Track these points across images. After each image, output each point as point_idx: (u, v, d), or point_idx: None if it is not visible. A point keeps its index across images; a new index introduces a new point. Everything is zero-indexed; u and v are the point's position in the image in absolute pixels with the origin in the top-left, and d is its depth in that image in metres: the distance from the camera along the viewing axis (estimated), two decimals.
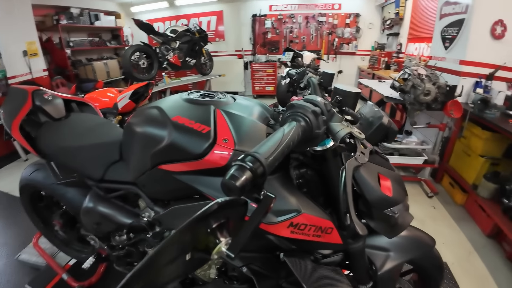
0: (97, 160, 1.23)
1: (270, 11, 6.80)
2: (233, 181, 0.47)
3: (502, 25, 2.52)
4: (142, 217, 1.16)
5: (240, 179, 0.47)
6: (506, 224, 2.07)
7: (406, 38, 5.55)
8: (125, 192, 1.22)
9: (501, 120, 2.32)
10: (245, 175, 0.48)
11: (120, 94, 2.98)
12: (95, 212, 1.28)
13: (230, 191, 0.48)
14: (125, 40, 6.81)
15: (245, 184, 0.47)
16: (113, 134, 1.34)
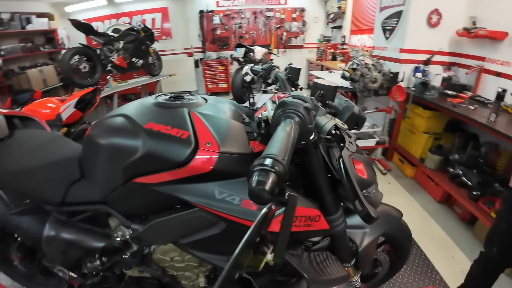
0: (54, 181, 1.07)
1: (217, 6, 6.70)
2: (261, 186, 0.45)
3: (437, 14, 2.83)
4: (115, 238, 1.06)
5: (267, 183, 0.45)
6: (454, 190, 2.38)
7: (349, 31, 5.94)
8: (92, 213, 1.10)
9: (440, 100, 2.63)
10: (271, 178, 0.46)
11: (63, 104, 2.67)
12: (59, 240, 1.12)
13: (260, 198, 0.46)
14: (61, 43, 6.09)
15: (274, 187, 0.46)
16: (69, 150, 1.20)
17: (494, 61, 2.52)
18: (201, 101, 1.04)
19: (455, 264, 1.92)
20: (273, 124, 0.68)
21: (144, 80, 5.14)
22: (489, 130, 1.96)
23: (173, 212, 0.92)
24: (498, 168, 2.35)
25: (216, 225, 0.90)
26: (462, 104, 2.42)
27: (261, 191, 0.45)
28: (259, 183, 0.45)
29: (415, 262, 1.91)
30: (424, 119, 2.83)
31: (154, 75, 5.24)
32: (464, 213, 2.36)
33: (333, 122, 0.74)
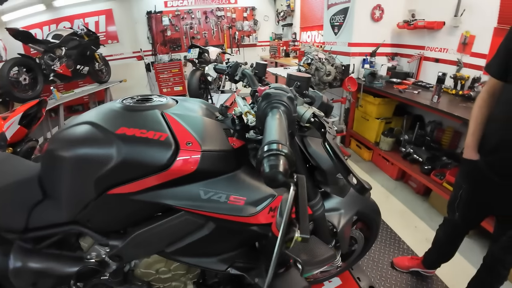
0: (13, 206, 0.94)
1: (165, 7, 6.44)
2: (275, 169, 0.46)
3: (380, 9, 3.08)
4: (89, 260, 0.98)
5: (280, 165, 0.46)
6: (408, 167, 2.63)
7: (299, 28, 6.19)
8: (61, 237, 0.99)
9: (387, 87, 2.88)
10: (281, 160, 0.47)
11: (6, 122, 2.35)
12: (27, 271, 0.99)
13: (276, 180, 0.46)
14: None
15: (287, 168, 0.47)
16: (24, 169, 1.06)
17: (433, 48, 2.85)
18: (171, 102, 1.00)
19: (418, 233, 2.13)
20: (259, 116, 0.69)
21: (91, 88, 4.75)
22: (433, 111, 2.21)
23: (156, 220, 0.87)
24: (444, 143, 2.66)
25: (204, 226, 0.88)
26: (407, 90, 2.69)
27: (276, 174, 0.46)
28: (273, 167, 0.46)
29: (383, 236, 2.08)
30: (375, 106, 3.07)
31: (102, 82, 4.88)
32: (419, 186, 2.63)
33: (311, 111, 0.77)
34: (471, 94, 2.28)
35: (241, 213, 0.83)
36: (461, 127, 2.53)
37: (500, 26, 2.14)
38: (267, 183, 0.47)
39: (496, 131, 1.13)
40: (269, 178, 0.46)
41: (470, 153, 1.25)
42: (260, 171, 0.48)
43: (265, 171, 0.46)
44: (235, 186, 0.85)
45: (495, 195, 1.19)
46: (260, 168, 0.48)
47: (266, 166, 0.47)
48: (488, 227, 1.69)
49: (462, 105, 2.19)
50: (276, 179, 0.46)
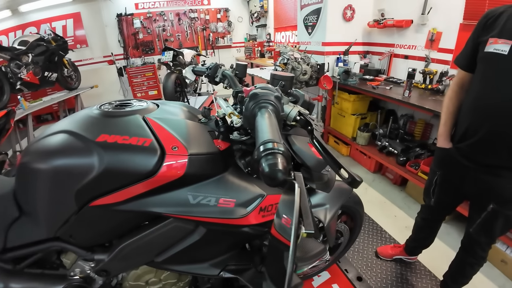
0: None
1: (136, 9, 6.24)
2: (275, 168, 0.46)
3: (351, 9, 3.19)
4: (73, 276, 0.93)
5: (279, 164, 0.46)
6: (384, 159, 2.74)
7: (273, 28, 6.26)
8: (43, 254, 0.93)
9: (361, 84, 2.99)
10: (279, 158, 0.47)
11: None
12: None
13: (276, 179, 0.46)
14: None
15: (286, 166, 0.47)
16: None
17: (402, 46, 3.00)
18: (152, 106, 0.97)
19: (398, 222, 2.23)
20: (248, 116, 0.69)
21: (61, 96, 4.51)
22: (405, 104, 2.32)
23: (143, 229, 0.84)
24: (416, 135, 2.81)
25: (195, 231, 0.87)
26: (379, 86, 2.80)
27: (276, 172, 0.46)
28: (271, 167, 0.46)
29: (366, 227, 2.16)
30: (350, 103, 3.17)
31: (72, 88, 4.67)
32: (395, 177, 2.75)
33: (296, 109, 0.78)
34: (440, 87, 2.42)
35: (231, 215, 0.82)
36: (432, 119, 2.68)
37: (466, 22, 2.29)
38: (267, 182, 0.47)
39: (465, 120, 1.21)
40: (269, 177, 0.46)
41: (443, 142, 1.33)
42: (259, 171, 0.47)
43: (265, 171, 0.46)
44: (224, 188, 0.84)
45: (467, 179, 1.26)
46: (259, 168, 0.47)
47: (265, 166, 0.47)
48: (463, 212, 1.80)
49: (432, 98, 2.32)
50: (276, 177, 0.46)
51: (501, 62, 1.03)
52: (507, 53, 1.01)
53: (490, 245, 1.33)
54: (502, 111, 1.05)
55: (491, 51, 1.06)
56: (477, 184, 1.23)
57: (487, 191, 1.20)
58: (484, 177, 1.19)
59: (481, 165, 1.18)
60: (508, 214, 1.18)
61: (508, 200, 1.15)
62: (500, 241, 1.77)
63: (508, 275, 1.74)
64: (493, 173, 1.15)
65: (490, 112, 1.09)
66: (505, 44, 1.02)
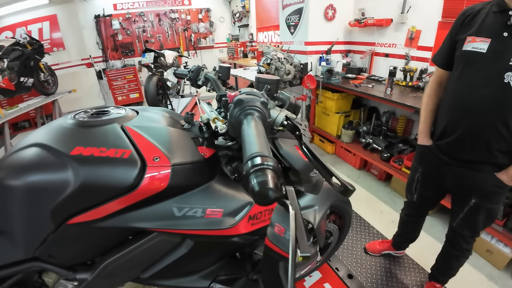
0: None
1: (115, 10, 6.05)
2: (264, 186, 0.42)
3: (332, 9, 3.22)
4: None
5: (269, 181, 0.42)
6: (369, 156, 2.80)
7: (255, 28, 6.24)
8: (23, 275, 0.87)
9: (344, 83, 3.03)
10: (269, 175, 0.43)
11: None
12: None
13: (267, 197, 0.42)
14: None
15: (276, 182, 0.43)
16: None
17: (383, 44, 3.06)
18: (131, 113, 0.92)
19: (385, 217, 2.27)
20: (233, 124, 0.66)
21: (38, 101, 4.31)
22: (387, 102, 2.37)
23: (126, 245, 0.79)
24: (398, 131, 2.88)
25: (182, 245, 0.84)
26: (362, 84, 2.85)
27: (267, 191, 0.42)
28: (262, 184, 0.42)
29: (354, 224, 2.18)
30: (334, 101, 3.21)
31: (49, 94, 4.47)
32: (380, 173, 2.81)
33: (283, 114, 0.76)
34: (420, 84, 2.49)
35: (220, 226, 0.80)
36: (413, 115, 2.76)
37: (444, 20, 2.36)
38: (258, 202, 0.44)
39: (444, 118, 1.24)
40: (259, 196, 0.43)
41: (423, 139, 1.35)
42: (248, 189, 0.44)
43: (255, 189, 0.43)
44: (211, 198, 0.81)
45: (448, 175, 1.30)
46: (248, 185, 0.44)
47: (254, 184, 0.43)
48: (447, 204, 1.85)
49: (413, 95, 2.38)
50: (267, 196, 0.42)
51: (479, 60, 1.05)
52: (485, 51, 1.03)
53: (474, 238, 1.37)
54: (480, 109, 1.08)
55: (469, 49, 1.08)
56: (458, 180, 1.27)
57: (468, 185, 1.23)
58: (464, 173, 1.22)
59: (461, 161, 1.21)
60: (490, 207, 1.21)
61: (489, 194, 1.19)
62: (485, 232, 1.84)
63: (494, 264, 1.81)
64: (473, 168, 1.18)
65: (467, 110, 1.12)
66: (483, 43, 1.04)
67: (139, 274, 0.85)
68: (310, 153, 0.68)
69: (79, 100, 5.87)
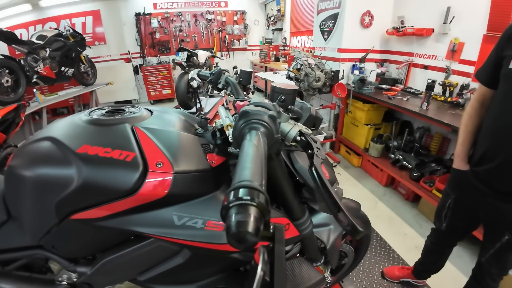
0: None
1: (154, 9, 6.34)
2: (242, 228, 0.34)
3: (369, 15, 3.09)
4: (60, 282, 0.91)
5: (249, 222, 0.34)
6: (397, 173, 2.62)
7: (289, 32, 6.20)
8: (29, 260, 0.92)
9: (376, 93, 2.88)
10: (252, 214, 0.35)
11: None
12: None
13: (244, 241, 0.35)
14: None
15: (258, 224, 0.35)
16: None
17: (422, 55, 2.86)
18: (145, 113, 0.91)
19: (408, 241, 2.10)
20: (236, 137, 0.60)
21: (77, 90, 4.63)
22: (423, 118, 2.20)
23: (126, 246, 0.79)
24: (432, 149, 2.67)
25: (179, 254, 0.81)
26: (396, 96, 2.68)
27: (244, 235, 0.34)
28: (239, 225, 0.34)
29: (373, 244, 2.05)
30: (364, 112, 3.06)
31: (87, 84, 4.77)
32: (408, 193, 2.61)
33: (297, 128, 0.69)
34: (460, 101, 2.29)
35: (219, 241, 0.75)
36: (450, 134, 2.54)
37: (489, 33, 2.15)
38: (232, 244, 0.36)
39: (484, 142, 1.11)
40: (235, 239, 0.34)
41: (459, 163, 1.22)
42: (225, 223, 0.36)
43: (231, 230, 0.34)
44: (213, 209, 0.77)
45: (482, 206, 1.16)
46: (225, 220, 0.36)
47: (232, 223, 0.35)
48: (478, 235, 1.67)
49: (451, 112, 2.19)
50: (244, 240, 0.34)
51: None
52: None
53: (502, 276, 1.22)
54: None
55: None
56: (492, 212, 1.13)
57: (503, 220, 1.09)
58: (500, 205, 1.08)
59: (498, 192, 1.08)
60: None
61: None
62: None
63: None
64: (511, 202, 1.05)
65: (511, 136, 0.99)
66: None
67: (136, 275, 0.85)
68: (318, 178, 0.59)
69: (115, 92, 6.19)
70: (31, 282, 0.94)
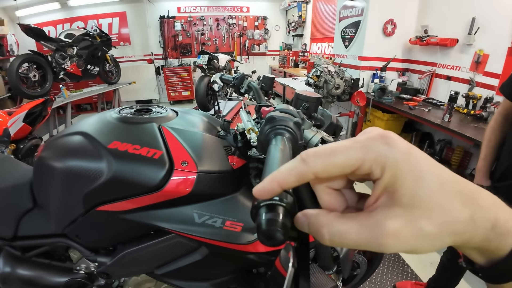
0: (3, 212, 0.93)
1: (178, 12, 6.55)
2: (272, 226, 0.35)
3: (392, 24, 3.06)
4: (78, 271, 0.95)
5: (279, 221, 0.35)
6: None
7: (309, 39, 6.20)
8: (50, 248, 0.96)
9: (397, 103, 2.82)
10: (281, 213, 0.36)
11: (11, 117, 2.38)
12: (15, 278, 0.99)
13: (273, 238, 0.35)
14: (9, 50, 5.49)
15: (286, 222, 0.36)
16: (18, 174, 1.04)
17: (445, 66, 2.79)
18: (171, 114, 0.95)
19: (423, 256, 2.04)
20: (261, 141, 0.61)
21: (100, 88, 4.83)
22: (444, 130, 2.14)
23: (146, 240, 0.82)
24: (453, 163, 2.58)
25: (197, 251, 0.83)
26: (417, 107, 2.62)
27: (274, 232, 0.34)
28: (269, 223, 0.35)
29: (386, 257, 2.00)
30: (383, 122, 3.01)
31: (111, 83, 4.96)
32: None
33: (319, 136, 0.71)
34: (483, 114, 2.21)
35: (237, 241, 0.77)
36: (472, 148, 2.45)
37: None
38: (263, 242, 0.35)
39: (507, 157, 1.08)
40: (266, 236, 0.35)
41: (481, 178, 1.19)
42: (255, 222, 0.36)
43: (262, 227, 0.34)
44: (233, 210, 0.79)
45: None
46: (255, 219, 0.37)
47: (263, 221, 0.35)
48: None
49: (474, 125, 2.12)
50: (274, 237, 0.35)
51: None
52: None
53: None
54: None
55: None
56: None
57: None
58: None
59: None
60: None
61: None
62: None
63: None
64: None
65: None
66: None
67: (153, 269, 0.87)
68: None
69: (136, 91, 6.40)
70: (50, 270, 0.98)
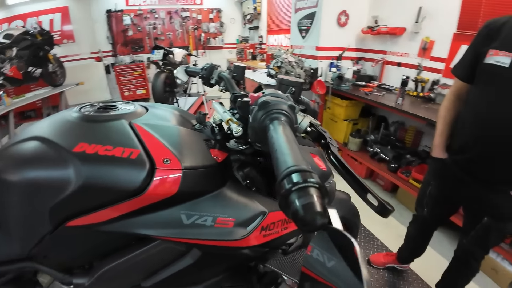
0: None
1: (127, 5, 6.11)
2: (311, 210, 0.35)
3: (345, 15, 3.20)
4: None
5: (315, 203, 0.35)
6: (375, 166, 2.76)
7: (266, 31, 6.24)
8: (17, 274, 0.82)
9: (354, 90, 2.99)
10: (315, 195, 0.36)
11: None
12: None
13: (313, 224, 0.35)
14: None
15: (323, 204, 0.36)
16: None
17: (395, 53, 3.02)
18: (140, 109, 0.87)
19: (390, 229, 2.23)
20: (256, 129, 0.59)
21: (45, 92, 4.33)
22: (399, 112, 2.33)
23: (128, 251, 0.73)
24: (407, 142, 2.84)
25: (188, 254, 0.77)
26: (372, 92, 2.81)
27: (314, 216, 0.35)
28: (306, 208, 0.35)
29: (359, 235, 2.14)
30: (342, 108, 3.18)
31: (56, 85, 4.49)
32: (386, 184, 2.76)
33: (308, 119, 0.70)
34: (431, 95, 2.45)
35: (230, 237, 0.73)
36: (423, 127, 2.71)
37: (459, 32, 2.31)
38: (303, 229, 0.36)
39: (463, 132, 1.20)
40: (306, 223, 0.35)
41: (439, 152, 1.31)
42: (288, 213, 0.37)
43: (299, 214, 0.35)
44: (222, 205, 0.74)
45: (462, 192, 1.26)
46: (289, 208, 0.36)
47: (299, 208, 0.35)
48: (457, 221, 1.81)
49: (424, 106, 2.34)
50: (314, 222, 0.35)
51: (501, 75, 1.02)
52: (508, 65, 1.00)
53: (483, 256, 1.33)
54: (502, 126, 1.04)
55: (492, 63, 1.05)
56: (472, 197, 1.23)
57: (483, 204, 1.20)
58: (480, 191, 1.18)
59: (477, 179, 1.17)
60: (502, 226, 1.18)
61: (503, 214, 1.15)
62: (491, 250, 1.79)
63: (499, 282, 1.76)
64: (490, 188, 1.15)
65: (489, 126, 1.08)
66: (506, 57, 1.01)
67: (140, 281, 0.79)
68: (340, 164, 0.60)
69: (86, 93, 5.88)
70: None
